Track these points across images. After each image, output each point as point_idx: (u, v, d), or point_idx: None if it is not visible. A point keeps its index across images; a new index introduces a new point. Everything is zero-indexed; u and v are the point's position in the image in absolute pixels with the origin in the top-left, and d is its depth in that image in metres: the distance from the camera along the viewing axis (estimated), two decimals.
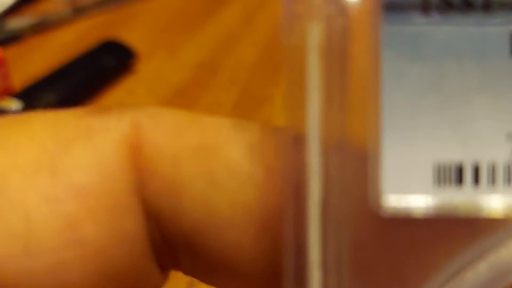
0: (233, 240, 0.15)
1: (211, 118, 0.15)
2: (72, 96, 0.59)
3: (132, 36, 0.74)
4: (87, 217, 0.15)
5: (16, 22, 0.78)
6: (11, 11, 0.82)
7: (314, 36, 0.12)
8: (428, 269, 0.12)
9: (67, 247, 0.15)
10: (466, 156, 0.12)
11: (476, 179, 0.12)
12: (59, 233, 0.14)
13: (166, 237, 0.15)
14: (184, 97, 0.61)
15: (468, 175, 0.12)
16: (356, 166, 0.12)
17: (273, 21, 0.74)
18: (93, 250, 0.15)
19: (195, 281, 0.17)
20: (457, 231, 0.12)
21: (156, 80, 0.64)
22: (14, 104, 0.53)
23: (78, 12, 0.83)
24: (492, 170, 0.12)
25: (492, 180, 0.12)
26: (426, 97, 0.12)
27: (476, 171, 0.12)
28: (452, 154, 0.12)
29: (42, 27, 0.79)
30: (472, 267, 0.12)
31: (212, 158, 0.15)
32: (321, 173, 0.12)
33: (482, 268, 0.12)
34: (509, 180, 0.12)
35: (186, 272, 0.16)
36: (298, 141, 0.12)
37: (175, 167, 0.15)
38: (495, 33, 0.11)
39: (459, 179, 0.12)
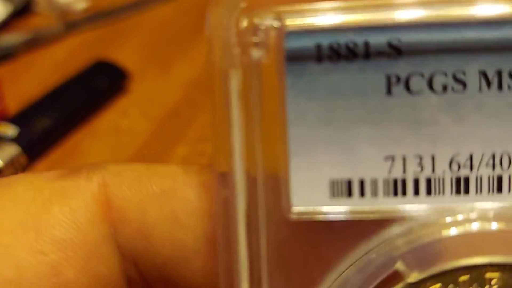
0: (200, 266, 0.19)
1: (166, 167, 0.20)
2: (66, 120, 0.61)
3: (123, 53, 0.76)
4: (68, 265, 0.19)
5: (7, 39, 0.81)
6: (2, 26, 0.85)
7: (235, 82, 0.16)
8: (328, 263, 0.17)
9: None
10: (353, 174, 0.16)
11: (362, 192, 0.16)
12: (46, 278, 0.18)
13: (143, 275, 0.20)
14: (178, 119, 0.64)
15: (356, 189, 0.16)
16: (271, 186, 0.17)
17: None
18: None
19: None
20: (349, 232, 0.16)
21: (149, 101, 0.67)
22: (9, 130, 0.57)
23: (69, 27, 0.86)
24: (375, 185, 0.16)
25: (375, 193, 0.16)
26: (322, 129, 0.16)
27: (362, 186, 0.16)
28: (343, 173, 0.16)
29: (33, 43, 0.81)
30: (361, 259, 0.16)
31: (172, 201, 0.19)
32: (245, 195, 0.17)
33: (368, 261, 0.16)
34: (388, 192, 0.16)
35: None
36: (223, 177, 0.17)
37: (142, 213, 0.19)
38: (373, 76, 0.16)
39: (349, 192, 0.16)
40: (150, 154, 0.58)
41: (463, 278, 0.16)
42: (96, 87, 0.66)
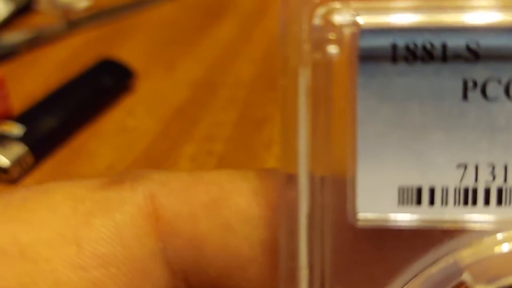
0: (257, 275, 0.18)
1: (212, 174, 0.19)
2: (72, 119, 0.61)
3: (127, 52, 0.76)
4: (110, 282, 0.18)
5: (10, 37, 0.81)
6: (4, 25, 0.85)
7: (304, 80, 0.15)
8: (393, 271, 0.16)
9: None
10: (424, 181, 0.15)
11: (432, 201, 0.16)
12: None
13: None
14: (184, 117, 0.64)
15: (425, 197, 0.16)
16: (337, 189, 0.16)
17: (269, 36, 0.76)
18: None
19: None
20: (415, 241, 0.16)
21: (155, 100, 0.67)
22: (15, 129, 0.56)
23: (72, 26, 0.86)
24: (446, 193, 0.15)
25: (445, 201, 0.16)
26: (393, 132, 0.15)
27: (432, 194, 0.16)
28: (413, 179, 0.15)
29: (36, 42, 0.81)
30: (426, 270, 0.16)
31: (223, 209, 0.18)
32: (309, 198, 0.16)
33: (434, 271, 0.16)
34: (458, 202, 0.15)
35: None
36: (289, 179, 0.16)
37: (193, 223, 0.18)
38: (450, 80, 0.15)
39: (418, 200, 0.16)
40: (157, 153, 0.58)
41: None
42: (101, 86, 0.65)
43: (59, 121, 0.59)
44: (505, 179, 0.15)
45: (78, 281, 0.17)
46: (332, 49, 0.15)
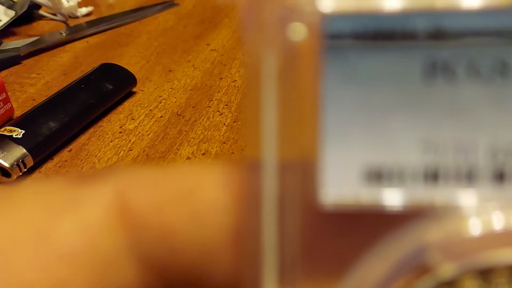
0: (228, 263, 0.17)
1: (183, 166, 0.18)
2: (72, 122, 0.61)
3: (127, 58, 0.77)
4: (77, 280, 0.17)
5: (12, 44, 0.81)
6: (6, 31, 0.85)
7: (268, 64, 0.15)
8: (359, 251, 0.16)
9: None
10: (388, 162, 0.15)
11: (397, 180, 0.15)
12: None
13: (169, 283, 0.18)
14: (181, 120, 0.64)
15: (390, 177, 0.15)
16: (303, 172, 0.16)
17: None
18: None
19: None
20: (381, 221, 0.15)
21: (153, 103, 0.67)
22: (15, 132, 0.56)
23: (73, 33, 0.86)
24: (410, 173, 0.15)
25: (410, 181, 0.15)
26: (357, 114, 0.15)
27: (397, 174, 0.15)
28: (378, 160, 0.15)
29: (38, 48, 0.81)
30: (390, 249, 0.15)
31: (192, 200, 0.17)
32: (274, 181, 0.16)
33: (400, 250, 0.15)
34: (424, 181, 0.15)
35: None
36: (255, 164, 0.16)
37: (162, 215, 0.18)
38: (411, 61, 0.15)
39: (383, 180, 0.15)
40: (155, 154, 0.58)
41: (498, 274, 0.15)
42: (102, 89, 0.66)
43: (59, 124, 0.59)
44: (471, 158, 0.15)
45: (42, 281, 0.17)
46: (297, 34, 0.15)
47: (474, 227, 0.15)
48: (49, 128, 0.58)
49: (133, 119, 0.64)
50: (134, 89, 0.70)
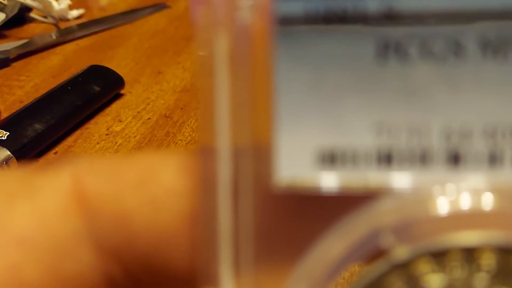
0: (186, 248, 0.18)
1: (141, 155, 0.19)
2: (59, 123, 0.61)
3: (117, 60, 0.77)
4: (29, 264, 0.17)
5: (2, 46, 0.81)
6: None
7: (220, 47, 0.15)
8: (315, 234, 0.16)
9: None
10: (342, 144, 0.15)
11: (351, 163, 0.15)
12: (4, 279, 0.17)
13: (128, 269, 0.18)
14: (169, 122, 0.64)
15: (344, 159, 0.15)
16: (258, 156, 0.16)
17: None
18: None
19: None
20: (336, 204, 0.15)
21: (142, 105, 0.67)
22: (0, 134, 0.56)
23: (63, 35, 0.86)
24: (364, 155, 0.15)
25: (364, 163, 0.15)
26: (311, 96, 0.15)
27: (351, 156, 0.15)
28: (331, 142, 0.15)
29: (27, 50, 0.81)
30: (345, 231, 0.15)
31: (149, 186, 0.18)
32: (228, 166, 0.16)
33: (355, 233, 0.15)
34: (376, 163, 0.15)
35: None
36: (210, 149, 0.16)
37: (119, 201, 0.18)
38: (365, 42, 0.15)
39: (337, 162, 0.15)
40: None
41: (452, 257, 0.15)
42: (89, 91, 0.66)
43: (44, 126, 0.59)
44: (425, 140, 0.15)
45: None
46: (248, 16, 0.15)
47: (428, 210, 0.15)
48: (34, 130, 0.58)
49: (120, 121, 0.64)
50: (122, 91, 0.70)
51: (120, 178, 0.18)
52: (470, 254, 0.15)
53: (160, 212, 0.17)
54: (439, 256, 0.15)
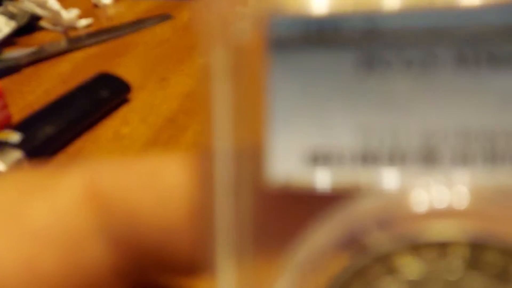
0: (188, 243, 0.19)
1: (147, 156, 0.20)
2: (69, 127, 0.62)
3: (124, 67, 0.78)
4: (45, 255, 0.18)
5: (13, 53, 0.82)
6: (8, 41, 0.86)
7: (217, 58, 0.16)
8: (302, 231, 0.17)
9: (26, 283, 0.18)
10: (326, 144, 0.16)
11: (337, 163, 0.16)
12: (20, 267, 0.18)
13: (135, 260, 0.19)
14: (173, 126, 0.65)
15: (331, 160, 0.16)
16: (253, 158, 0.17)
17: None
18: (53, 283, 0.18)
19: None
20: (325, 202, 0.17)
21: (148, 110, 0.68)
22: (13, 136, 0.57)
23: (73, 43, 0.87)
24: (349, 156, 0.16)
25: (351, 163, 0.16)
26: (301, 103, 0.16)
27: (336, 157, 0.16)
28: (317, 143, 0.16)
29: (37, 58, 0.82)
30: (329, 229, 0.17)
31: (156, 185, 0.19)
32: (224, 165, 0.17)
33: (341, 229, 0.17)
34: (360, 164, 0.16)
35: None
36: (209, 151, 0.17)
37: (128, 199, 0.19)
38: (347, 55, 0.16)
39: (326, 163, 0.17)
40: None
41: (429, 250, 0.16)
42: (98, 97, 0.67)
43: (56, 129, 0.60)
44: (404, 142, 0.16)
45: (11, 253, 0.18)
46: (244, 31, 0.16)
47: (408, 206, 0.16)
48: (45, 133, 0.59)
49: (127, 125, 0.65)
50: (129, 97, 0.71)
51: (129, 177, 0.19)
52: (445, 247, 0.16)
53: (165, 209, 0.19)
54: (417, 250, 0.16)
